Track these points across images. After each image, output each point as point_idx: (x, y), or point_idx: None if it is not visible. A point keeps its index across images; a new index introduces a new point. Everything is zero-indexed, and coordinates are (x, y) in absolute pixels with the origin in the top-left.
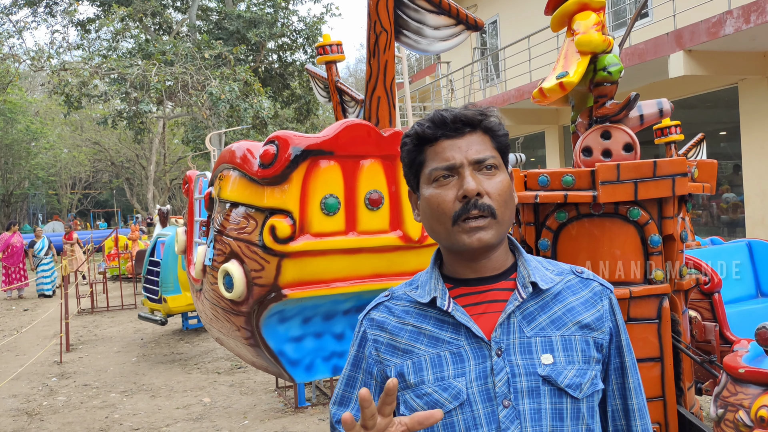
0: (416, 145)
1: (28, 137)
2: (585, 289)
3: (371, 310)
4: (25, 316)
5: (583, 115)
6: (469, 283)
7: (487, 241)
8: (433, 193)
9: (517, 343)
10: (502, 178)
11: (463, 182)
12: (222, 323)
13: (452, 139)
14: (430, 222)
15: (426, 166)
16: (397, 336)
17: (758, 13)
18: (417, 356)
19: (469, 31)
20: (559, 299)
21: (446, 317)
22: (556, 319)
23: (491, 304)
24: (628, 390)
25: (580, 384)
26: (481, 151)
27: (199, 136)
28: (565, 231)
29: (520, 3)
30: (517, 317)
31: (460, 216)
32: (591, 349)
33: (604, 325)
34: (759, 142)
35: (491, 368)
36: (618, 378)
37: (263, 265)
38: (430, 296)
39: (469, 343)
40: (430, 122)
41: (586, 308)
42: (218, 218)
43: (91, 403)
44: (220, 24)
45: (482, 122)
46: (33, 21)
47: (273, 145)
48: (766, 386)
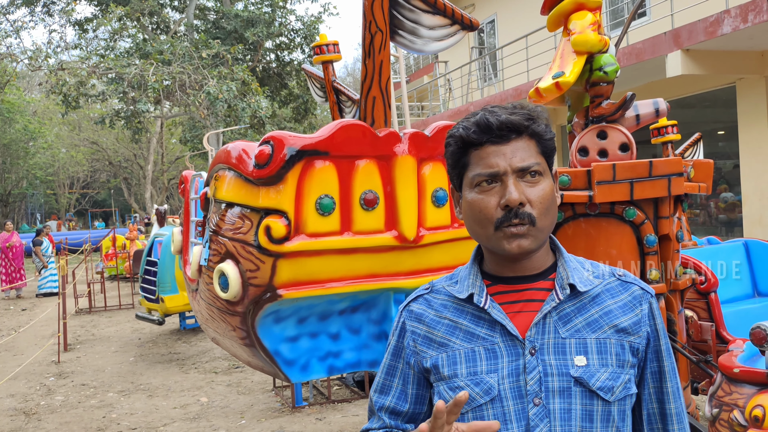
0: (460, 147)
1: (25, 137)
2: (624, 293)
3: (411, 301)
4: (23, 315)
5: (580, 114)
6: (508, 281)
7: (527, 248)
8: (475, 198)
9: (551, 343)
10: (545, 185)
11: (505, 191)
12: (218, 323)
13: (497, 145)
14: (472, 225)
15: (470, 170)
16: (434, 329)
17: (756, 13)
18: (452, 350)
19: (464, 31)
20: (597, 302)
21: (482, 313)
22: (592, 321)
23: (528, 303)
24: (666, 394)
25: (612, 387)
26: (526, 158)
27: (197, 135)
28: (561, 231)
29: (517, 2)
30: (553, 318)
31: (501, 223)
32: (626, 353)
33: (641, 329)
34: (757, 141)
35: (524, 366)
36: (656, 382)
37: (258, 265)
38: (467, 292)
39: (504, 341)
40: (476, 126)
41: (623, 312)
42: (214, 218)
43: (89, 403)
44: (217, 23)
45: (529, 127)
46: (30, 20)
47: (268, 146)
48: (761, 386)
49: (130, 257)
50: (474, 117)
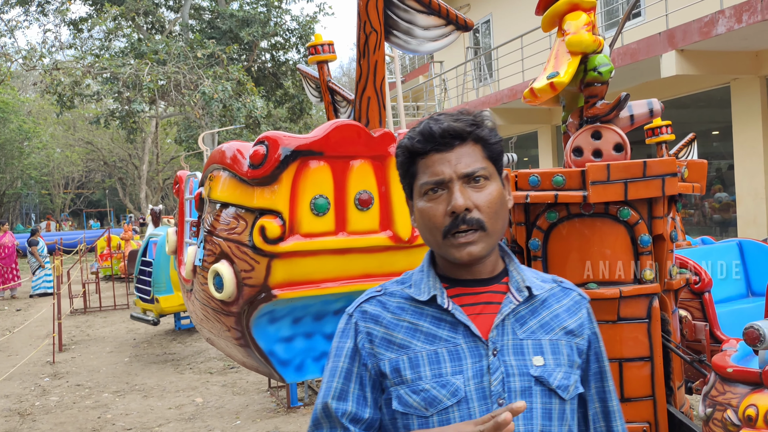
0: (408, 157)
1: (20, 137)
2: (566, 298)
3: (363, 302)
4: (18, 316)
5: (574, 115)
6: (465, 283)
7: (477, 254)
8: (424, 207)
9: (510, 344)
10: (492, 188)
11: (451, 197)
12: (212, 324)
13: (441, 153)
14: (424, 233)
15: (418, 179)
16: (392, 331)
17: (750, 13)
18: (414, 352)
19: (459, 31)
20: (546, 305)
21: (444, 315)
22: (544, 323)
23: (487, 306)
24: (608, 393)
25: (567, 386)
26: (471, 164)
27: (192, 135)
28: (555, 231)
29: (512, 3)
30: (511, 320)
31: (449, 230)
32: (574, 353)
33: (584, 332)
34: (751, 141)
35: (488, 367)
36: (597, 382)
37: (253, 265)
38: (428, 294)
39: (467, 342)
40: (420, 135)
41: (569, 315)
42: (208, 219)
43: (84, 404)
44: (212, 23)
45: (472, 133)
46: (25, 20)
47: (263, 146)
48: (754, 385)
49: (125, 257)
50: (419, 127)
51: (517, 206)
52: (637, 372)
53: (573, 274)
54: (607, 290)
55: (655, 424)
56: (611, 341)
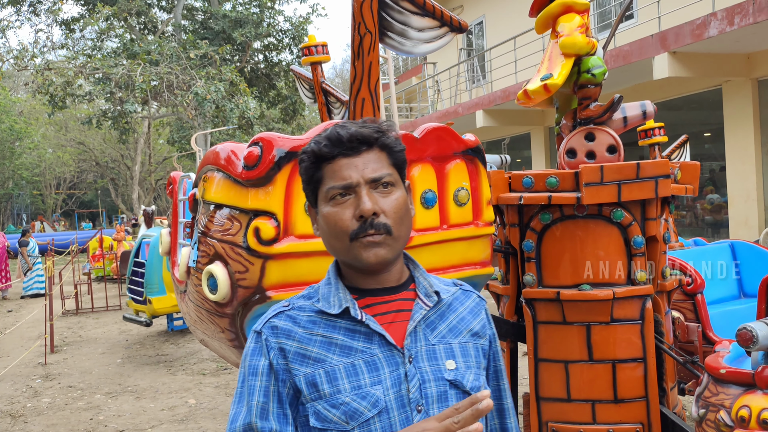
0: (314, 162)
1: (12, 137)
2: (467, 300)
3: (272, 318)
4: (9, 317)
5: (568, 116)
6: (374, 293)
7: (384, 257)
8: (330, 212)
9: (424, 350)
10: (398, 195)
11: (359, 202)
12: (206, 325)
13: (349, 158)
14: (329, 239)
15: (324, 184)
16: (306, 345)
17: (742, 16)
18: (330, 366)
19: (453, 33)
20: (451, 309)
21: (358, 326)
22: (453, 327)
23: (399, 314)
24: (502, 391)
25: (479, 387)
26: (378, 169)
27: (185, 136)
28: (549, 232)
29: (506, 4)
30: (422, 326)
31: (357, 234)
32: (480, 355)
33: (486, 333)
34: (743, 143)
35: (405, 375)
36: (494, 381)
37: (247, 266)
38: (340, 307)
39: (383, 351)
40: (327, 140)
41: (473, 317)
42: (202, 220)
43: (76, 405)
44: (205, 24)
45: (379, 139)
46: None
47: (257, 147)
48: (747, 386)
49: (117, 258)
50: (325, 132)
51: (511, 208)
52: (630, 373)
53: (566, 275)
54: (600, 291)
55: (648, 425)
56: (604, 342)
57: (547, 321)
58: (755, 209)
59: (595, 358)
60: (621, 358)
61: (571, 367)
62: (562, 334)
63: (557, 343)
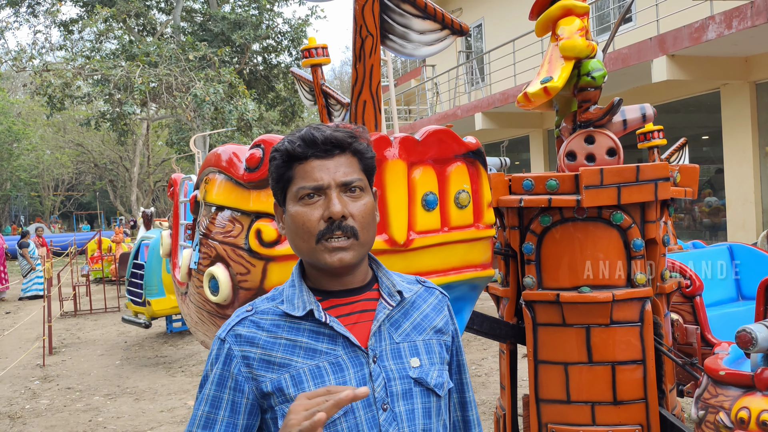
0: (285, 161)
1: (10, 138)
2: (431, 297)
3: (235, 325)
4: (7, 318)
5: (567, 119)
6: (337, 294)
7: (348, 261)
8: (299, 211)
9: (388, 349)
10: (366, 200)
11: (329, 204)
12: (208, 326)
13: (321, 160)
14: (294, 238)
15: (294, 184)
16: (270, 350)
17: (740, 19)
18: (295, 369)
19: (454, 35)
20: (415, 307)
21: (322, 328)
22: (417, 325)
23: (362, 314)
24: (465, 384)
25: (442, 383)
26: (349, 173)
27: (184, 138)
28: (549, 235)
29: (505, 7)
30: (386, 325)
31: (324, 235)
32: (444, 351)
33: (449, 328)
34: (741, 146)
35: (369, 374)
36: (456, 375)
37: (249, 268)
38: (304, 309)
39: (347, 353)
40: (301, 141)
41: (436, 314)
42: (204, 222)
43: (75, 407)
44: (204, 25)
45: (352, 144)
46: (15, 21)
47: (259, 149)
48: (746, 388)
49: (115, 260)
50: (299, 132)
51: (511, 210)
52: (629, 375)
53: (566, 277)
54: (599, 294)
55: (648, 426)
56: (604, 344)
57: (547, 323)
58: (753, 212)
59: (594, 360)
60: (620, 360)
61: (571, 369)
62: (561, 336)
63: (557, 345)
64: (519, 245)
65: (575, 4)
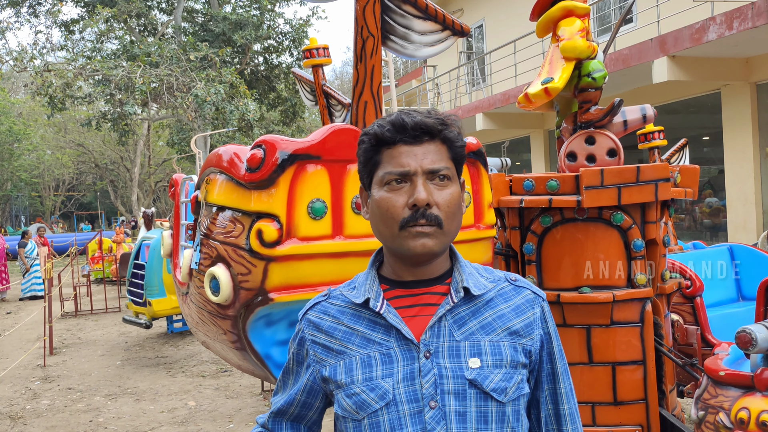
0: (374, 145)
1: (10, 138)
2: (517, 296)
3: (309, 309)
4: (8, 319)
5: (568, 120)
6: (406, 285)
7: (431, 248)
8: (384, 197)
9: (446, 346)
10: (453, 189)
11: (414, 191)
12: (208, 327)
13: (410, 146)
14: (377, 224)
15: (380, 168)
16: (331, 336)
17: (741, 20)
18: (349, 357)
19: (455, 36)
20: (490, 305)
21: (379, 318)
22: (486, 324)
23: (425, 308)
24: (560, 395)
25: (505, 388)
26: (437, 161)
27: (185, 138)
28: (549, 235)
29: (506, 7)
30: (449, 321)
31: (407, 223)
32: (519, 354)
33: (533, 332)
34: (741, 147)
35: (419, 370)
36: (550, 384)
37: (250, 268)
38: (364, 297)
39: (399, 345)
40: (391, 125)
41: (516, 315)
42: (205, 222)
43: (75, 407)
44: (205, 26)
45: (442, 132)
46: (16, 21)
47: (260, 149)
48: (746, 389)
49: (116, 260)
50: (390, 117)
51: (512, 210)
52: (629, 375)
53: (567, 277)
54: (600, 294)
55: (648, 427)
56: (604, 345)
57: None
58: (753, 212)
59: (594, 360)
60: (621, 361)
61: (571, 370)
62: (562, 337)
63: None
64: (520, 246)
65: (576, 5)
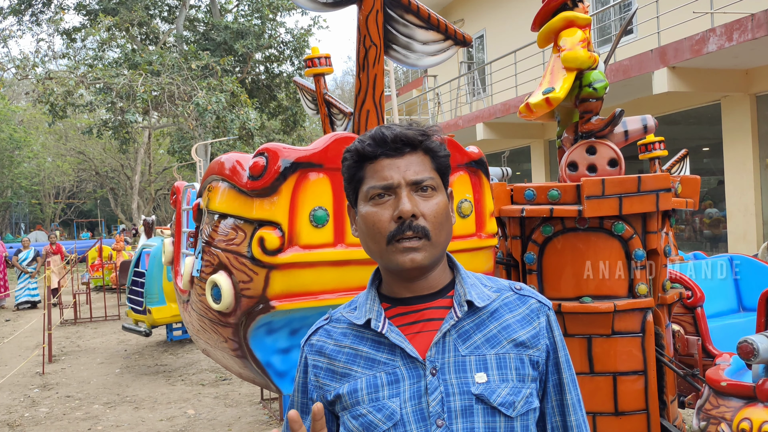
0: (356, 161)
1: (11, 146)
2: (522, 306)
3: (311, 335)
4: (7, 326)
5: (569, 130)
6: (406, 302)
7: (420, 262)
8: (369, 211)
9: (452, 362)
10: (439, 200)
11: (399, 203)
12: (209, 334)
13: (392, 158)
14: (366, 240)
15: (364, 184)
16: (335, 360)
17: (741, 32)
18: (353, 379)
19: (457, 46)
20: (495, 317)
21: (382, 338)
22: (491, 337)
23: (428, 323)
24: (566, 406)
25: (513, 402)
26: (420, 172)
27: (185, 146)
28: (550, 245)
29: (506, 18)
30: (453, 336)
31: (394, 236)
32: (526, 366)
33: (540, 342)
34: (741, 158)
35: (425, 388)
36: (557, 395)
37: (251, 276)
38: (365, 317)
39: (405, 364)
40: (371, 139)
41: (522, 326)
42: (207, 229)
43: (74, 415)
44: (207, 35)
45: (423, 143)
46: (18, 29)
47: (262, 157)
48: (748, 399)
49: (116, 268)
50: (370, 132)
51: (513, 220)
52: (630, 386)
53: (568, 287)
54: (601, 304)
55: None
56: (605, 355)
57: None
58: (753, 223)
59: (596, 370)
60: (622, 371)
61: None
62: None
63: None
64: (521, 255)
65: (577, 15)
